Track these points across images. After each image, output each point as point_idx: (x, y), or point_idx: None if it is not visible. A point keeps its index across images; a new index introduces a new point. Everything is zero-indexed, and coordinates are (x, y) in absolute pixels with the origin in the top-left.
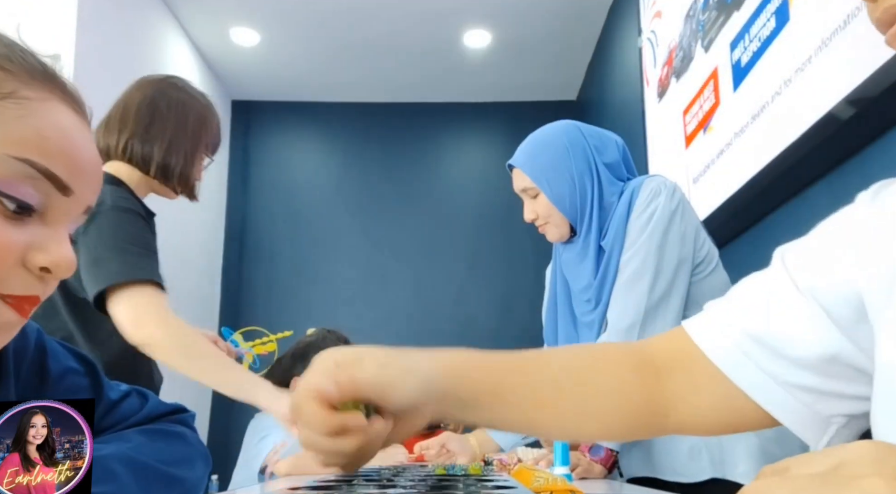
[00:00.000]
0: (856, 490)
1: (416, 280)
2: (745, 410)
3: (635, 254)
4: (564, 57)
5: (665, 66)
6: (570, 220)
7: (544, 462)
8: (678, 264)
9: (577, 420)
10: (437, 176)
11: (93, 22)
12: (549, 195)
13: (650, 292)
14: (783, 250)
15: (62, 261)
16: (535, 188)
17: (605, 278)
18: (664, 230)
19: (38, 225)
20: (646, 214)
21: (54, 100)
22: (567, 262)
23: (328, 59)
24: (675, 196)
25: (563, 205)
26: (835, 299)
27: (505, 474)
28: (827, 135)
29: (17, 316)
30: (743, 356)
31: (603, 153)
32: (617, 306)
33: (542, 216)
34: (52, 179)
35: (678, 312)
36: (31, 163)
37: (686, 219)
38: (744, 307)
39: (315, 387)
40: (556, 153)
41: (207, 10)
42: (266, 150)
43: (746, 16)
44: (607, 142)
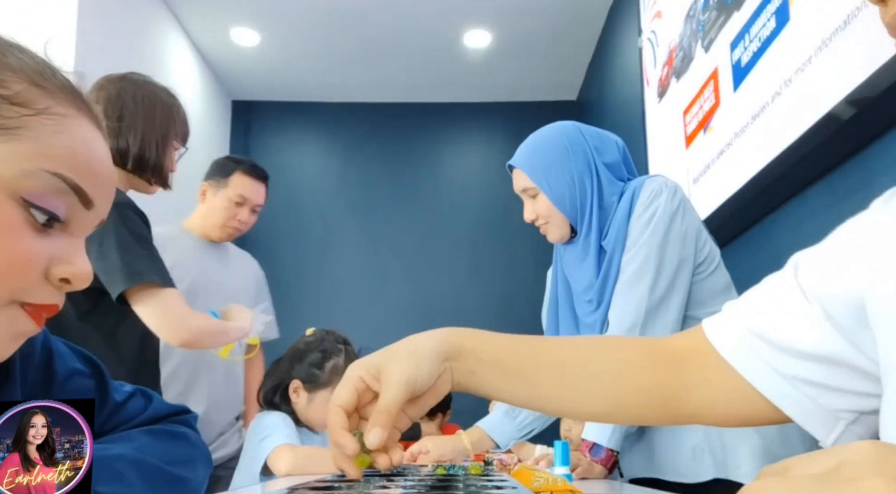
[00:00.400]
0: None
1: (416, 280)
2: (754, 404)
3: (636, 255)
4: (565, 57)
5: (665, 66)
6: (571, 220)
7: (544, 462)
8: (679, 264)
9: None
10: (437, 176)
11: (93, 22)
12: (549, 195)
13: (651, 292)
14: (797, 257)
15: (83, 274)
16: (535, 188)
17: (607, 278)
18: (665, 230)
19: (60, 235)
20: (647, 214)
21: (81, 116)
22: (568, 263)
23: (328, 59)
24: (676, 196)
25: (563, 205)
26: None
27: (505, 474)
28: (827, 136)
29: (34, 325)
30: (750, 351)
31: (603, 153)
32: (618, 306)
33: (542, 216)
34: (78, 193)
35: (679, 312)
36: (62, 177)
37: (687, 220)
38: (755, 308)
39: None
40: (556, 153)
41: (208, 11)
42: (266, 151)
43: (746, 16)
44: (607, 142)
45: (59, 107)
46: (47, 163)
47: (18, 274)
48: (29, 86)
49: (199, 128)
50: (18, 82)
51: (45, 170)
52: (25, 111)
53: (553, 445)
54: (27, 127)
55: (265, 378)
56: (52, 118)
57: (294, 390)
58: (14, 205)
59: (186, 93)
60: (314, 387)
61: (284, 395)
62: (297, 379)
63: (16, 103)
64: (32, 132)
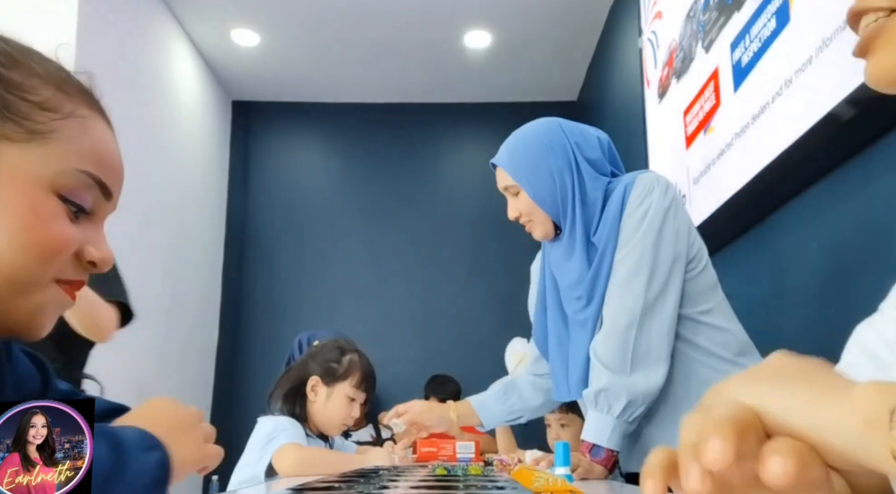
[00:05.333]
0: None
1: (416, 280)
2: None
3: (630, 252)
4: (565, 57)
5: (665, 66)
6: (553, 217)
7: (545, 463)
8: (673, 261)
9: None
10: (438, 176)
11: (94, 23)
12: (530, 192)
13: (647, 290)
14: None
15: (108, 258)
16: (516, 186)
17: (598, 275)
18: (659, 228)
19: (86, 224)
20: (640, 211)
21: (96, 116)
22: (555, 260)
23: (328, 59)
24: (668, 192)
25: (543, 201)
26: None
27: (505, 474)
28: (827, 136)
29: (69, 298)
30: None
31: (585, 149)
32: (614, 304)
33: (524, 214)
34: (101, 187)
35: (675, 310)
36: (89, 174)
37: (679, 217)
38: None
39: None
40: (535, 150)
41: (208, 12)
42: (266, 151)
43: (747, 16)
44: (589, 138)
45: (80, 109)
46: (77, 162)
47: (60, 257)
48: (55, 92)
49: (199, 128)
50: (46, 88)
51: (76, 169)
52: (55, 116)
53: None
54: (57, 130)
55: (277, 383)
56: (76, 120)
57: (312, 387)
58: (56, 197)
59: (186, 94)
60: (333, 381)
61: (301, 395)
62: (315, 376)
63: (46, 109)
64: (62, 134)
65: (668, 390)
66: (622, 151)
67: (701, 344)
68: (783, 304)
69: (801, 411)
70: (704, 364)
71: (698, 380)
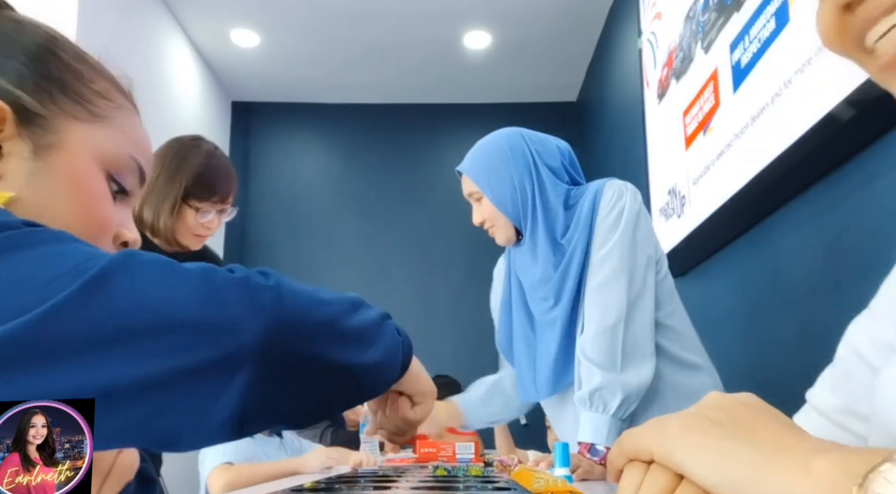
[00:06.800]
0: None
1: (415, 280)
2: None
3: (610, 253)
4: (564, 58)
5: (665, 67)
6: (514, 222)
7: (545, 464)
8: (647, 262)
9: None
10: (437, 177)
11: (93, 24)
12: (492, 198)
13: (629, 289)
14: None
15: (139, 239)
16: (479, 192)
17: (566, 276)
18: (633, 230)
19: (121, 205)
20: (614, 213)
21: (133, 109)
22: (519, 264)
23: (328, 60)
24: (636, 197)
25: (504, 207)
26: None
27: (505, 475)
28: (827, 137)
29: None
30: None
31: (545, 157)
32: (598, 305)
33: (488, 219)
34: (140, 173)
35: (653, 309)
36: (135, 160)
37: (648, 221)
38: None
39: None
40: (496, 158)
41: (208, 12)
42: (266, 152)
43: (746, 17)
44: (549, 147)
45: (125, 101)
46: (128, 147)
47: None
48: (109, 85)
49: (198, 129)
50: (102, 81)
51: (127, 153)
52: (111, 104)
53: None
54: (112, 116)
55: None
56: (126, 111)
57: None
58: (104, 177)
59: (186, 94)
60: None
61: None
62: None
63: (105, 97)
64: (116, 121)
65: None
66: (622, 152)
67: (666, 347)
68: (783, 305)
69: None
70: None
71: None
